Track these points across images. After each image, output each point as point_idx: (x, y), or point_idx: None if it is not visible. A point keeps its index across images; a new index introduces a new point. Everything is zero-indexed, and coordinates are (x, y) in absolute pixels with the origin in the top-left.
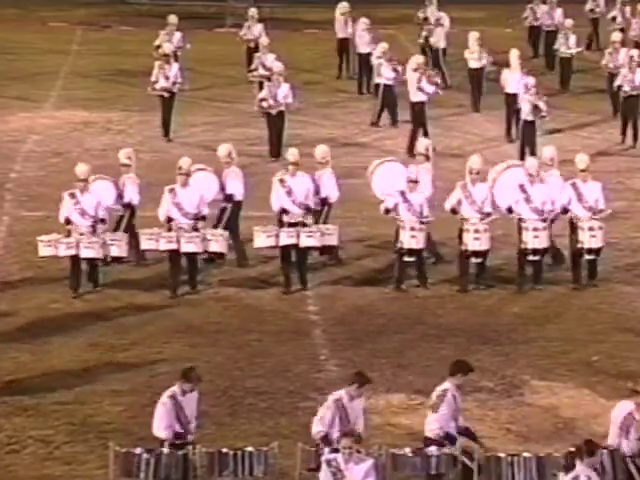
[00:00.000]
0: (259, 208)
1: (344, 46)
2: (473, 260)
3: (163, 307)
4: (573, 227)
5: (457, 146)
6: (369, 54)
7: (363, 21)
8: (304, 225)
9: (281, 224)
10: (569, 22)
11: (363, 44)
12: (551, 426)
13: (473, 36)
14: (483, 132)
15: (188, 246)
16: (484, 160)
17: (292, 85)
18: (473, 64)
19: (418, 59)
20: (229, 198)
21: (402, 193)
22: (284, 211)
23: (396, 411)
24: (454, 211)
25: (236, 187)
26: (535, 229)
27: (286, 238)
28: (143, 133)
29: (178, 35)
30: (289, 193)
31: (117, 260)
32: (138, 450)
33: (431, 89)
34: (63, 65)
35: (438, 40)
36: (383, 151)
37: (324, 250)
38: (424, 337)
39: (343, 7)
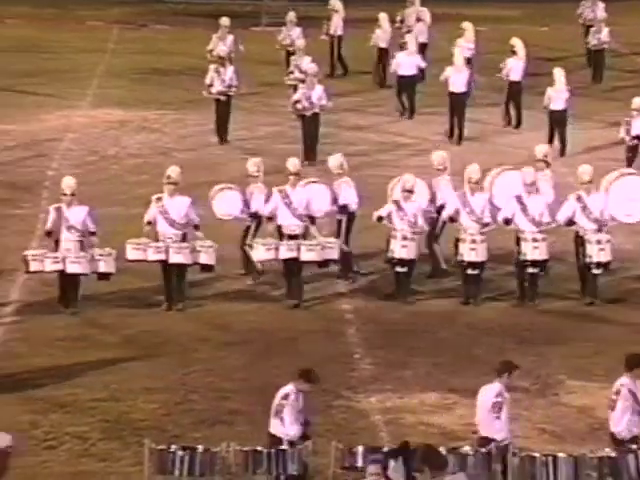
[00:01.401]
0: None
1: (383, 55)
2: (469, 271)
3: (196, 305)
4: (580, 241)
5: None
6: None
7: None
8: (304, 237)
9: (281, 236)
10: (602, 15)
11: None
12: (586, 426)
13: (559, 73)
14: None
15: (177, 257)
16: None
17: (326, 87)
18: (556, 105)
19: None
20: (344, 209)
21: (396, 202)
22: (280, 222)
23: (429, 410)
24: (452, 220)
25: (350, 197)
26: (534, 240)
27: (286, 252)
28: (178, 132)
29: (231, 37)
30: (289, 204)
31: (105, 277)
32: (173, 447)
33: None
34: (99, 64)
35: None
36: (419, 150)
37: (322, 264)
38: (457, 336)
39: (383, 18)
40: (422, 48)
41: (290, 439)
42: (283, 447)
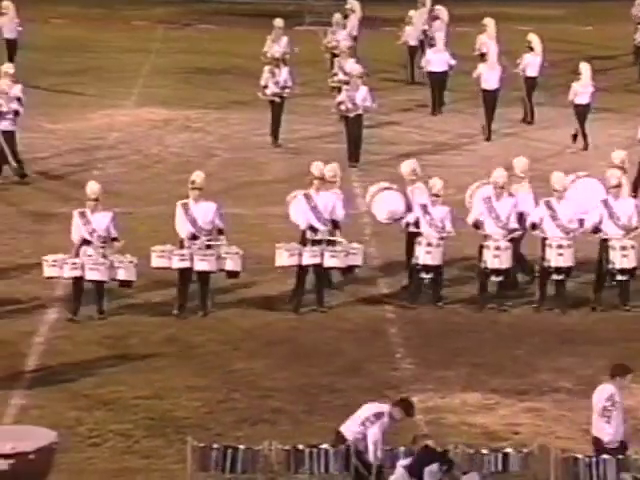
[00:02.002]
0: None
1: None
2: (493, 278)
3: (238, 305)
4: (604, 246)
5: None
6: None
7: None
8: (328, 243)
9: (305, 242)
10: None
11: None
12: (629, 427)
13: (585, 67)
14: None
15: (202, 264)
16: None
17: (370, 88)
18: (581, 100)
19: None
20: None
21: (424, 207)
22: (310, 228)
23: (471, 410)
24: (477, 226)
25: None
26: (560, 247)
27: (309, 258)
28: (220, 131)
29: (285, 39)
30: (314, 209)
31: (126, 284)
32: (216, 445)
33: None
34: (144, 63)
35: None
36: (461, 148)
37: (346, 270)
38: (499, 336)
39: (414, 15)
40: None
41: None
42: (324, 446)
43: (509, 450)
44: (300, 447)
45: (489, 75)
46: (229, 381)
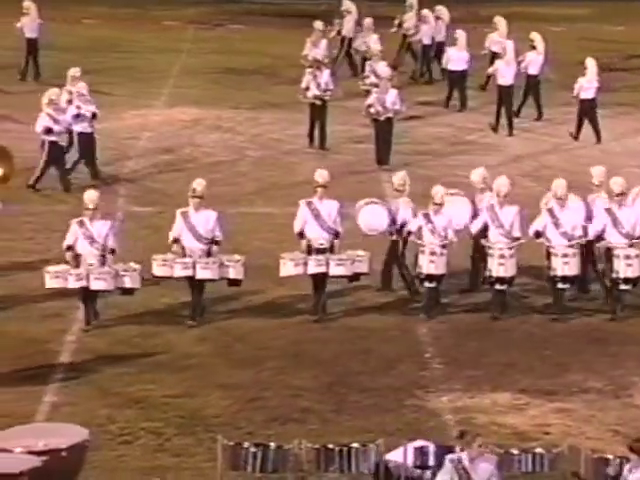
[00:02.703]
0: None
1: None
2: (497, 287)
3: (267, 304)
4: (608, 255)
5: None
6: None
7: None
8: (332, 251)
9: (309, 250)
10: None
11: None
12: None
13: (591, 63)
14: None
15: (204, 273)
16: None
17: (400, 91)
18: (587, 94)
19: None
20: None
21: (426, 215)
22: (303, 235)
23: (501, 410)
24: (481, 235)
25: None
26: (565, 255)
27: (315, 267)
28: (251, 130)
29: (325, 41)
30: (318, 217)
31: (129, 292)
32: (246, 444)
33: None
34: (175, 63)
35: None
36: (490, 148)
37: (353, 277)
38: (529, 336)
39: (429, 14)
40: (440, 46)
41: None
42: (354, 445)
43: (539, 450)
44: (330, 446)
45: (505, 71)
46: (259, 380)
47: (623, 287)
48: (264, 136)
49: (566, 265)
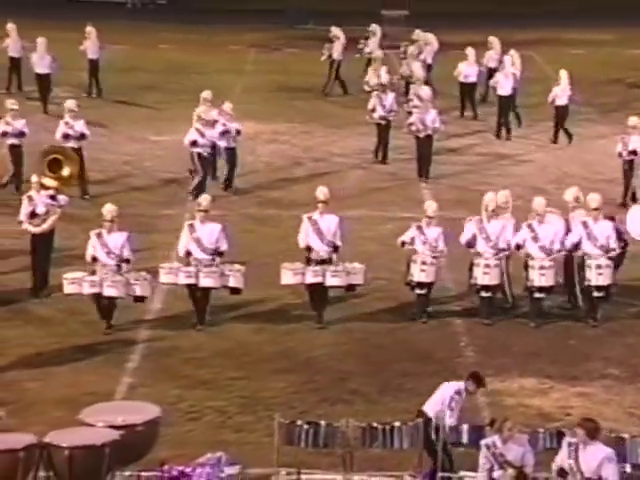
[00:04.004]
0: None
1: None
2: (482, 294)
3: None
4: (582, 265)
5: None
6: None
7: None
8: (330, 262)
9: (308, 261)
10: None
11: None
12: None
13: (564, 74)
14: None
15: (206, 281)
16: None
17: (440, 111)
18: (561, 101)
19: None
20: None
21: (419, 227)
22: (311, 249)
23: (528, 393)
24: (469, 245)
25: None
26: (541, 267)
27: (312, 277)
28: (305, 143)
29: (385, 68)
30: (318, 231)
31: (140, 299)
32: (300, 422)
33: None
34: (238, 83)
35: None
36: (517, 159)
37: (348, 288)
38: (554, 328)
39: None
40: (429, 69)
41: (448, 428)
42: (396, 424)
43: (562, 429)
44: (374, 424)
45: (504, 83)
46: (311, 364)
47: (596, 294)
48: (316, 148)
49: (543, 276)
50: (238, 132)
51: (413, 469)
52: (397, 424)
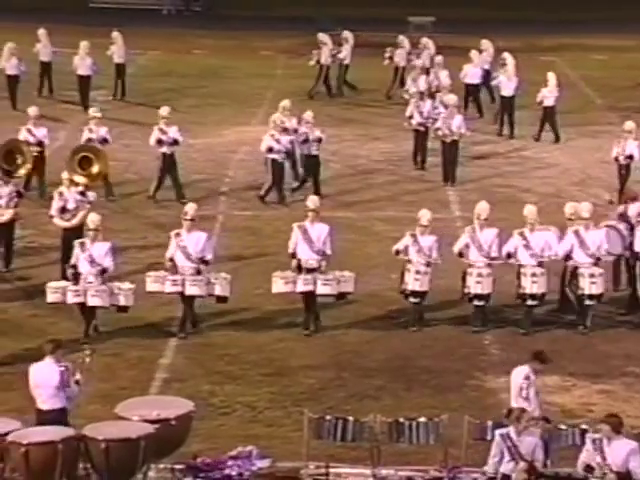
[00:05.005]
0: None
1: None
2: (475, 302)
3: (349, 300)
4: (575, 274)
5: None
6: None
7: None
8: (320, 270)
9: (299, 270)
10: None
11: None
12: None
13: (552, 76)
14: None
15: (192, 289)
16: None
17: (465, 116)
18: (548, 102)
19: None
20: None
21: (413, 236)
22: (296, 255)
23: (551, 391)
24: (461, 254)
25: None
26: (533, 274)
27: (302, 285)
28: (334, 145)
29: (424, 77)
30: (308, 240)
31: (124, 309)
32: (328, 417)
33: None
34: (269, 87)
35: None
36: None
37: (339, 296)
38: (576, 327)
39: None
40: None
41: (533, 415)
42: (422, 419)
43: (585, 426)
44: (401, 420)
45: (507, 84)
46: (339, 362)
47: (588, 303)
48: (345, 150)
49: (534, 284)
50: (319, 140)
51: (439, 464)
52: (423, 420)
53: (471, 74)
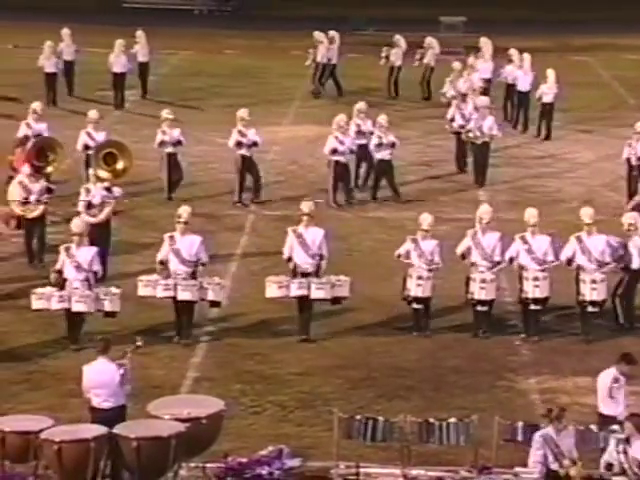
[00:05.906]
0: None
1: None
2: (479, 308)
3: (371, 299)
4: (576, 279)
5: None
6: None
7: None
8: (316, 275)
9: (294, 274)
10: None
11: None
12: None
13: (551, 72)
14: None
15: (184, 294)
16: None
17: (497, 118)
18: (547, 99)
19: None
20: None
21: (414, 240)
22: (292, 259)
23: (583, 392)
24: (464, 257)
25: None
26: (535, 279)
27: (296, 290)
28: None
29: (462, 79)
30: (303, 244)
31: (111, 315)
32: (358, 417)
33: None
34: (299, 87)
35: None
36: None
37: (335, 301)
38: (607, 328)
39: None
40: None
41: (621, 417)
42: (452, 420)
43: (614, 427)
44: (431, 420)
45: (523, 80)
46: (369, 362)
47: (590, 309)
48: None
49: (537, 288)
50: (393, 145)
51: (469, 465)
52: (452, 420)
53: (482, 69)
